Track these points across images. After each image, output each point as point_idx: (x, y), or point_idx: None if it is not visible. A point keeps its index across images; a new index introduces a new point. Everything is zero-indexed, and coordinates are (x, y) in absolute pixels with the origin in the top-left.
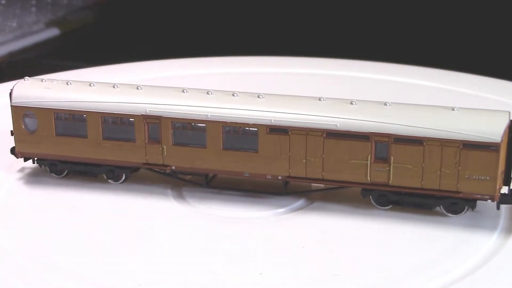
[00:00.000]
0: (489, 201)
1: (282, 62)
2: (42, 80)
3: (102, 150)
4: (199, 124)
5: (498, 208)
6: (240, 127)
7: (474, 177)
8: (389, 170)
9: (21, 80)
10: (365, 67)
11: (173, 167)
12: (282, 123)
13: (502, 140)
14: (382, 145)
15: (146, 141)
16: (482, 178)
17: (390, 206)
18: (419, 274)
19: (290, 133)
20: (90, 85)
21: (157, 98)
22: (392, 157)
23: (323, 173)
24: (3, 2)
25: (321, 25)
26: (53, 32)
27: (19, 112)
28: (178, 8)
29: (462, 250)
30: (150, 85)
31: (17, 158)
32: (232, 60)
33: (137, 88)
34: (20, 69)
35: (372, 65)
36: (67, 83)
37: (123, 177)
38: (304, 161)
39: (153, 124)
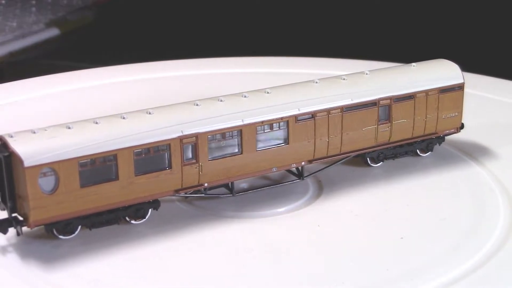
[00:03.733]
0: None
1: (282, 62)
2: (33, 132)
3: (134, 188)
4: (233, 132)
5: None
6: (272, 124)
7: (447, 116)
8: (390, 128)
9: (8, 138)
10: (369, 67)
11: (206, 184)
12: (308, 110)
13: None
14: (385, 107)
15: (182, 164)
16: (453, 115)
17: (383, 162)
18: (419, 274)
19: (315, 117)
20: (95, 122)
21: (185, 116)
22: (392, 116)
23: (341, 147)
24: (3, 2)
25: (322, 25)
26: (53, 32)
27: (35, 174)
28: (177, 8)
29: (462, 250)
30: (159, 106)
31: (31, 228)
32: (232, 61)
33: (148, 113)
34: (20, 69)
35: (375, 65)
36: (67, 127)
37: (149, 213)
38: (327, 140)
39: (189, 144)
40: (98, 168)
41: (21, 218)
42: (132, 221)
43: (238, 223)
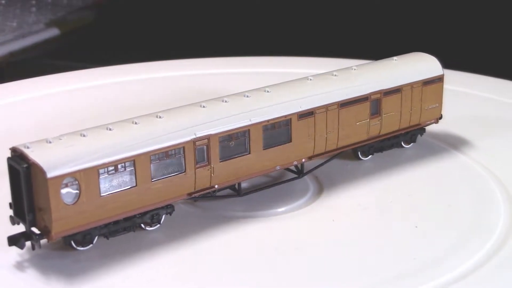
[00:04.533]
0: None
1: (282, 62)
2: (48, 142)
3: (151, 194)
4: (242, 132)
5: None
6: (277, 122)
7: (429, 107)
8: (380, 122)
9: (25, 150)
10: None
11: (216, 186)
12: (308, 107)
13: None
14: (375, 101)
15: (195, 166)
16: (434, 106)
17: (372, 155)
18: (420, 274)
19: (315, 114)
20: (108, 128)
21: (196, 118)
22: (382, 110)
23: (338, 142)
24: (3, 2)
25: (323, 25)
26: (53, 32)
27: (58, 184)
28: (177, 8)
29: (462, 250)
30: (166, 109)
31: (52, 241)
32: (231, 60)
33: (158, 117)
34: (20, 69)
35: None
36: (82, 135)
37: (163, 217)
38: (326, 136)
39: (201, 146)
40: (116, 175)
41: (37, 232)
42: (147, 228)
43: (254, 223)
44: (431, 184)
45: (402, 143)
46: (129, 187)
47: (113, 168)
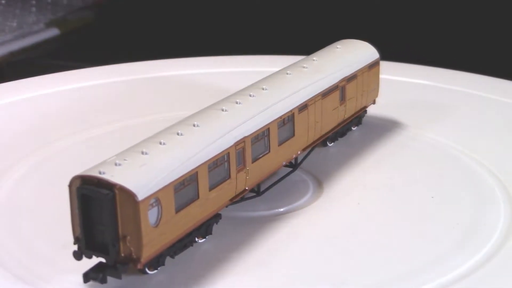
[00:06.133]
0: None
1: (281, 61)
2: (116, 164)
3: (208, 204)
4: (265, 131)
5: None
6: (286, 117)
7: (371, 89)
8: (345, 107)
9: (102, 176)
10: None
11: (247, 188)
12: (303, 100)
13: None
14: (342, 88)
15: (237, 170)
16: (374, 88)
17: (337, 140)
18: (420, 274)
19: (308, 106)
20: (161, 143)
21: (229, 122)
22: (346, 95)
23: (321, 130)
24: (3, 2)
25: (324, 25)
26: (53, 32)
27: (146, 206)
28: (177, 8)
29: (462, 250)
30: (190, 115)
31: (141, 268)
32: (231, 60)
33: (195, 126)
34: (20, 69)
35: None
36: (143, 153)
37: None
38: (314, 126)
39: (239, 150)
40: (184, 190)
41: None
42: (199, 240)
43: (292, 217)
44: (430, 183)
45: (353, 126)
46: (193, 200)
47: (182, 183)
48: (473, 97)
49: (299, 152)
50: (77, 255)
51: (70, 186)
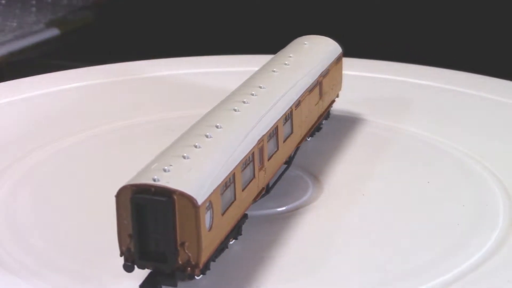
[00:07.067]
0: None
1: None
2: (164, 170)
3: (241, 205)
4: (274, 129)
5: None
6: (287, 114)
7: (338, 83)
8: (322, 100)
9: (157, 183)
10: (367, 66)
11: (264, 186)
12: (298, 96)
13: None
14: (319, 83)
15: (258, 170)
16: (339, 82)
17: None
18: (420, 274)
19: (301, 102)
20: (195, 146)
21: (247, 122)
22: (322, 90)
23: (308, 126)
24: (3, 2)
25: (325, 25)
26: (53, 32)
27: (204, 211)
28: (177, 7)
29: (462, 250)
30: (204, 117)
31: (199, 275)
32: (230, 59)
33: (217, 127)
34: (20, 69)
35: (375, 64)
36: (184, 157)
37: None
38: (304, 121)
39: (259, 149)
40: (226, 192)
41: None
42: (231, 242)
43: (304, 214)
44: (429, 183)
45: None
46: (232, 202)
47: (224, 185)
48: (473, 97)
49: (294, 148)
50: (128, 268)
51: (118, 196)
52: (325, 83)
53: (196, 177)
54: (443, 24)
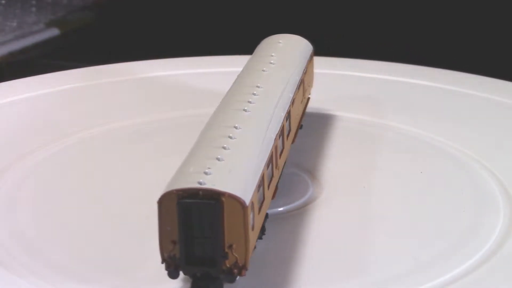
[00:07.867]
0: None
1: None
2: (206, 173)
3: (267, 203)
4: (281, 127)
5: None
6: (287, 112)
7: (311, 81)
8: (304, 97)
9: (203, 187)
10: (367, 66)
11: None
12: (292, 93)
13: None
14: (302, 81)
15: (275, 167)
16: (312, 79)
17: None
18: (419, 274)
19: (294, 99)
20: (225, 148)
21: (261, 121)
22: (304, 87)
23: (297, 122)
24: (3, 2)
25: (325, 25)
26: (53, 32)
27: (249, 212)
28: (177, 7)
29: (462, 250)
30: (215, 117)
31: (243, 276)
32: (230, 59)
33: (236, 128)
34: (19, 69)
35: (375, 64)
36: (216, 159)
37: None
38: (296, 119)
39: (275, 147)
40: (259, 191)
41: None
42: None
43: (314, 210)
44: (428, 183)
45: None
46: (262, 201)
47: (258, 185)
48: (473, 97)
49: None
50: (174, 274)
51: (160, 202)
52: (305, 81)
53: (239, 178)
54: (443, 24)
